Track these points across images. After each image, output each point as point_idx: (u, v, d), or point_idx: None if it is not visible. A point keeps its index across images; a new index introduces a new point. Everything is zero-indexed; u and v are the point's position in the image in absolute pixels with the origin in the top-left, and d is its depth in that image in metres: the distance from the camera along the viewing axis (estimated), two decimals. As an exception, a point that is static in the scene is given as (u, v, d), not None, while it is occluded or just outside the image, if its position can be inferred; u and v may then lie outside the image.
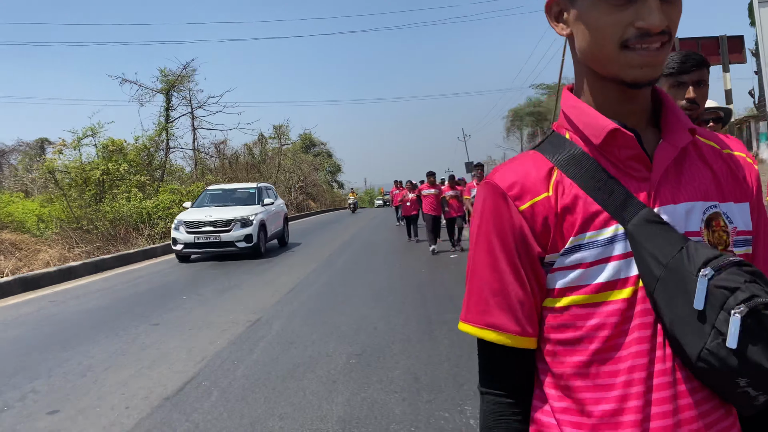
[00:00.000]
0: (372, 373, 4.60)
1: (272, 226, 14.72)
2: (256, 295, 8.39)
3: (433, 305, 7.20)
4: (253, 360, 5.14)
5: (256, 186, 15.58)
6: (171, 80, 29.45)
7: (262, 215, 13.78)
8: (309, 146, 63.48)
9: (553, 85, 54.16)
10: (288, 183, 45.68)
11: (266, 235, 14.03)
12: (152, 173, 28.15)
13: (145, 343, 5.97)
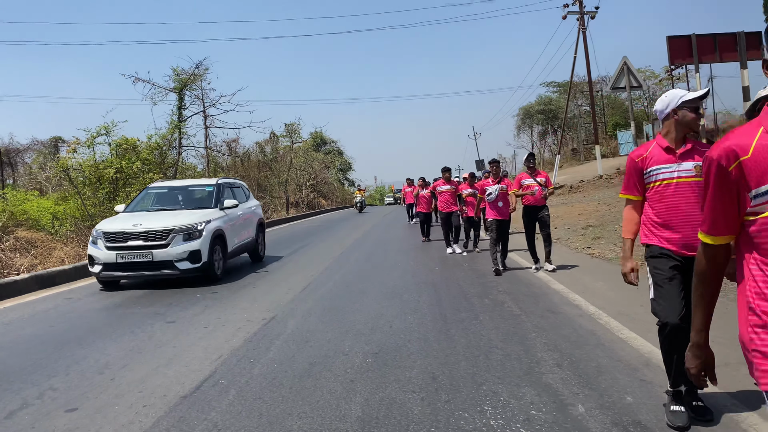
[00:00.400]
0: (389, 372, 4.57)
1: (236, 238, 11.06)
2: (271, 293, 8.39)
3: (448, 304, 7.16)
4: (269, 358, 5.13)
5: (216, 182, 11.48)
6: (183, 79, 29.56)
7: (217, 223, 10.17)
8: (320, 144, 63.54)
9: (564, 83, 53.86)
10: (299, 181, 45.76)
11: (225, 251, 10.40)
12: (165, 171, 28.28)
13: (162, 341, 5.98)
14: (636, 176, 3.65)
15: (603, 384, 4.12)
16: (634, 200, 3.72)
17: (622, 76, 12.74)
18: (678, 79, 47.29)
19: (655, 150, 3.59)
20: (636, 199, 3.70)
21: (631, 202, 3.76)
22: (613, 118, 51.24)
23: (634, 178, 3.66)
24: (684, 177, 3.45)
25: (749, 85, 10.01)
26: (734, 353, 4.61)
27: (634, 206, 3.75)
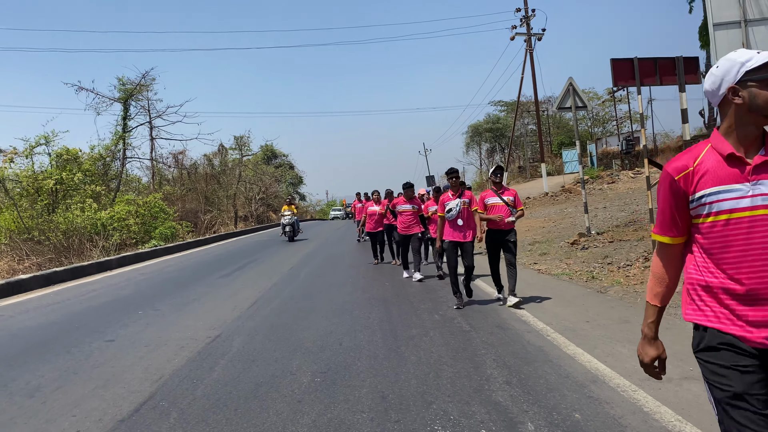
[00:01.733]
0: (338, 392, 4.47)
1: None
2: (216, 310, 8.15)
3: (399, 320, 7.10)
4: (213, 379, 4.95)
5: None
6: (129, 89, 28.86)
7: None
8: (270, 158, 62.96)
9: (511, 103, 55.13)
10: (249, 194, 45.11)
11: None
12: (108, 183, 27.44)
13: (99, 360, 5.71)
14: (676, 204, 2.18)
15: (551, 401, 4.12)
16: (670, 243, 2.24)
17: (567, 96, 13.08)
18: (620, 100, 49.03)
19: (710, 160, 2.12)
20: (674, 242, 2.23)
21: (665, 246, 2.26)
22: (559, 137, 52.62)
23: (672, 208, 2.19)
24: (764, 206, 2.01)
25: (687, 107, 10.42)
26: (676, 369, 4.72)
27: (669, 253, 2.26)
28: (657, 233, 2.28)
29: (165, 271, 13.79)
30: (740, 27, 9.50)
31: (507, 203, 7.85)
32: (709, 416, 3.73)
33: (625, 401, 4.05)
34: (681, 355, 5.10)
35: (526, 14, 29.14)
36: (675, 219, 2.19)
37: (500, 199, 7.88)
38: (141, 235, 21.58)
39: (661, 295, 2.28)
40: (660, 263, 2.28)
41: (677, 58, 10.40)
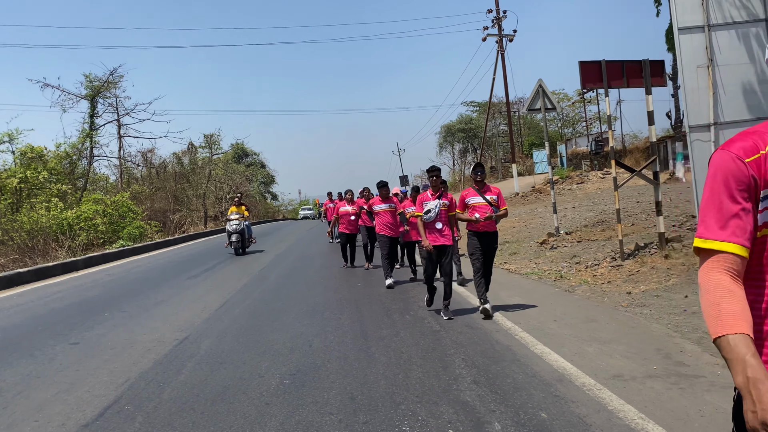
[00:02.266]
0: (307, 394, 4.45)
1: None
2: (185, 312, 8.05)
3: (370, 321, 7.10)
4: (180, 382, 4.89)
5: None
6: (96, 86, 28.38)
7: None
8: (241, 156, 62.41)
9: (483, 103, 55.55)
10: (219, 193, 44.64)
11: None
12: (74, 182, 26.94)
13: (63, 364, 5.59)
14: (741, 196, 1.55)
15: (518, 400, 4.17)
16: (730, 253, 1.55)
17: (537, 98, 13.23)
18: (589, 101, 49.78)
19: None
20: (737, 251, 1.55)
21: (721, 258, 1.57)
22: (530, 138, 53.22)
23: (735, 201, 1.56)
24: None
25: (653, 110, 10.62)
26: (640, 368, 4.81)
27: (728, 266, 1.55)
28: (708, 236, 1.58)
29: (133, 271, 13.57)
30: (704, 32, 9.72)
31: (490, 203, 7.25)
32: (670, 414, 3.81)
33: (590, 400, 4.12)
34: (645, 354, 5.20)
35: (498, 15, 29.40)
36: (740, 217, 1.54)
37: (482, 198, 7.28)
38: (108, 235, 21.21)
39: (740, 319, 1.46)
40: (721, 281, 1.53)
41: (644, 61, 10.59)
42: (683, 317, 6.35)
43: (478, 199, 7.31)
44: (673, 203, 14.54)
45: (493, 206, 7.25)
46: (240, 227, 16.51)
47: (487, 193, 7.34)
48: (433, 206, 7.16)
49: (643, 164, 13.71)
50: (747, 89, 9.70)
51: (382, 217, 10.41)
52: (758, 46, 9.75)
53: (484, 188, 7.39)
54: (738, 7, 9.75)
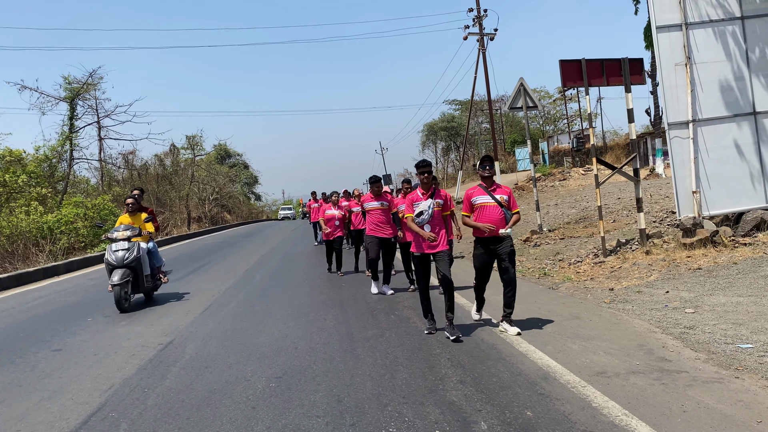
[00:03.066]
0: (293, 397, 4.45)
1: None
2: (169, 316, 8.00)
3: (355, 321, 7.11)
4: (165, 387, 4.86)
5: None
6: (76, 88, 28.07)
7: None
8: (224, 157, 62.06)
9: (465, 102, 55.74)
10: (202, 195, 44.39)
11: None
12: (54, 185, 26.62)
13: (45, 371, 5.53)
14: None
15: (504, 399, 4.20)
16: None
17: (518, 96, 13.32)
18: (570, 99, 50.18)
19: None
20: None
21: None
22: (512, 135, 53.52)
23: None
24: None
25: (633, 107, 10.74)
26: (624, 364, 4.86)
27: None
28: None
29: (115, 275, 13.43)
30: (681, 30, 9.84)
31: (501, 204, 6.08)
32: (653, 410, 3.87)
33: (575, 397, 4.16)
34: (628, 350, 5.27)
35: (479, 14, 29.50)
36: None
37: (492, 198, 6.11)
38: (90, 238, 20.97)
39: None
40: None
41: (623, 60, 10.70)
42: (664, 312, 6.43)
43: (486, 199, 6.13)
44: (653, 199, 14.71)
45: (504, 208, 6.11)
46: (132, 256, 8.65)
47: (497, 192, 6.17)
48: (426, 207, 6.16)
49: (623, 160, 13.85)
50: (724, 86, 9.85)
51: (372, 216, 9.24)
52: (734, 43, 9.90)
53: (492, 186, 6.22)
54: (714, 5, 9.89)
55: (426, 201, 6.20)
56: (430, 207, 6.17)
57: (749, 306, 6.23)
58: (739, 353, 4.89)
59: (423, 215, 6.16)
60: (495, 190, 6.19)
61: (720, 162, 9.77)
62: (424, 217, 6.16)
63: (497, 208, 6.09)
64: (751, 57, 9.85)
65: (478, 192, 6.25)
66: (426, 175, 6.21)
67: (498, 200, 6.11)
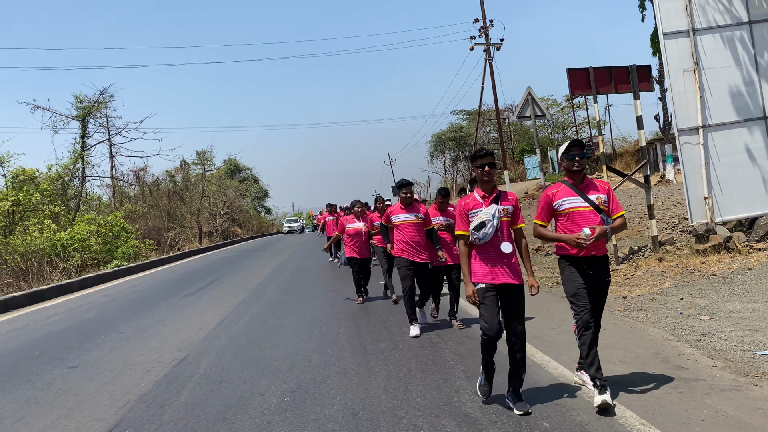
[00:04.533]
0: (308, 411, 4.45)
1: None
2: (182, 331, 8.03)
3: (368, 334, 7.11)
4: (180, 403, 4.87)
5: None
6: (87, 107, 28.38)
7: None
8: (234, 172, 62.44)
9: (473, 111, 55.79)
10: (213, 209, 44.62)
11: None
12: (67, 203, 26.86)
13: (62, 389, 5.57)
14: None
15: (520, 410, 4.17)
16: None
17: (527, 105, 13.35)
18: (578, 107, 50.10)
19: None
20: None
21: None
22: (520, 144, 53.47)
23: None
24: None
25: (642, 114, 10.72)
26: (640, 373, 4.83)
27: None
28: None
29: (128, 291, 13.52)
30: (689, 36, 9.83)
31: (597, 206, 4.34)
32: (671, 419, 3.83)
33: (590, 407, 4.13)
34: (644, 359, 5.23)
35: (485, 25, 29.60)
36: None
37: (585, 200, 4.37)
38: (103, 255, 21.14)
39: None
40: None
41: (630, 67, 10.69)
42: (679, 320, 6.38)
43: (577, 202, 4.38)
44: (665, 206, 14.63)
45: (603, 214, 4.36)
46: None
47: (591, 191, 4.41)
48: (489, 215, 4.24)
49: (633, 167, 13.79)
50: (733, 91, 9.81)
51: (402, 233, 7.15)
52: (743, 48, 9.87)
53: (584, 183, 4.46)
54: (721, 11, 9.88)
55: (489, 207, 4.28)
56: (496, 216, 4.24)
57: (766, 312, 6.17)
58: (756, 360, 4.84)
59: (485, 228, 4.23)
60: (588, 189, 4.42)
61: (731, 167, 9.71)
62: (488, 231, 4.23)
63: (594, 215, 4.33)
64: (760, 61, 9.82)
65: (564, 192, 4.45)
66: (487, 169, 4.29)
67: (594, 203, 4.35)
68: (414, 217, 7.14)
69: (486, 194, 4.38)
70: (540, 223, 4.55)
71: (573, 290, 4.42)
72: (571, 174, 4.47)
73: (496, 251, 4.28)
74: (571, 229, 4.36)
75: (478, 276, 4.29)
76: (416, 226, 7.12)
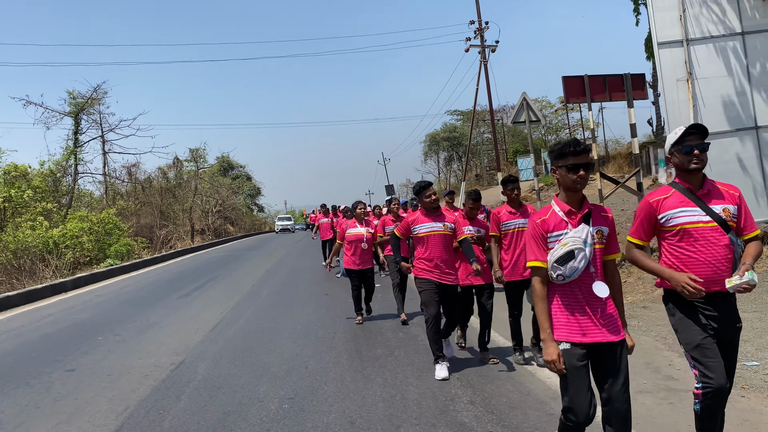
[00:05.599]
0: (306, 419, 4.52)
1: None
2: (178, 334, 8.07)
3: (363, 339, 7.18)
4: (180, 408, 4.93)
5: None
6: (80, 103, 28.27)
7: None
8: (227, 169, 62.25)
9: (467, 112, 55.92)
10: (205, 207, 44.50)
11: None
12: (59, 200, 26.75)
13: (61, 393, 5.61)
14: None
15: (514, 420, 4.27)
16: None
17: (521, 110, 13.42)
18: (572, 109, 50.33)
19: None
20: None
21: None
22: (514, 145, 53.64)
23: None
24: None
25: (635, 122, 10.84)
26: (631, 383, 4.93)
27: None
28: None
29: (122, 292, 13.53)
30: (683, 46, 9.95)
31: (725, 224, 3.17)
32: (662, 429, 3.93)
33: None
34: (635, 368, 5.32)
35: (480, 27, 29.70)
36: None
37: (707, 213, 3.19)
38: (95, 252, 21.07)
39: None
40: None
41: (625, 76, 10.81)
42: (670, 329, 6.48)
43: (696, 215, 3.20)
44: (657, 211, 14.78)
45: (732, 233, 3.18)
46: None
47: (715, 200, 3.23)
48: (580, 241, 2.97)
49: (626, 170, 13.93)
50: (726, 101, 9.95)
51: (427, 247, 5.69)
52: (735, 59, 10.00)
53: (704, 188, 3.27)
54: (715, 21, 10.01)
55: (578, 229, 3.00)
56: (588, 242, 2.98)
57: (753, 322, 6.29)
58: (744, 371, 4.95)
59: (574, 261, 2.94)
60: (710, 196, 3.22)
61: (723, 176, 9.80)
62: (578, 266, 2.95)
63: (719, 235, 3.14)
64: (752, 72, 9.95)
65: (676, 200, 3.23)
66: (582, 174, 2.96)
67: (719, 217, 3.16)
68: (442, 226, 5.69)
69: (573, 209, 3.01)
70: (636, 242, 3.33)
71: (695, 341, 3.15)
72: (686, 175, 3.24)
73: (585, 294, 2.99)
74: (687, 254, 3.16)
75: (562, 332, 3.00)
76: (445, 239, 5.70)
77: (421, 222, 5.75)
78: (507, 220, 5.72)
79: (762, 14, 10.04)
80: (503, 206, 5.80)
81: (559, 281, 2.99)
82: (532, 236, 3.10)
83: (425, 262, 5.67)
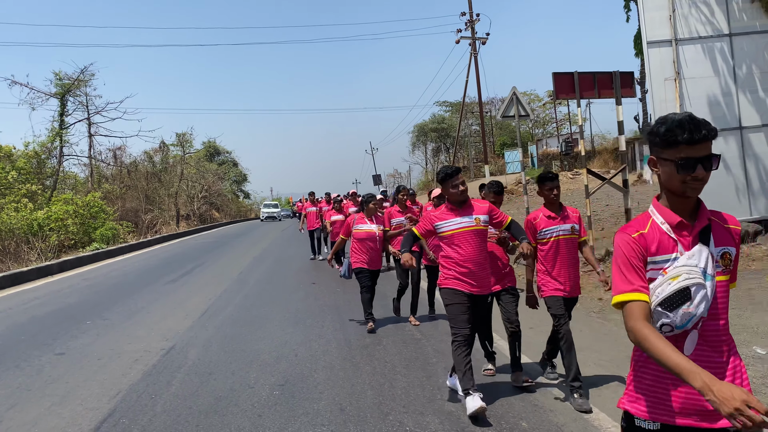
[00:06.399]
0: (297, 405, 4.62)
1: None
2: (167, 319, 8.12)
3: (352, 328, 7.28)
4: (171, 393, 5.01)
5: None
6: (67, 84, 27.95)
7: None
8: (213, 155, 61.88)
9: (456, 103, 56.04)
10: (191, 192, 44.28)
11: None
12: (44, 182, 26.51)
13: (52, 376, 5.66)
14: None
15: (500, 410, 4.40)
16: None
17: (511, 105, 13.53)
18: (560, 103, 50.60)
19: None
20: None
21: None
22: (501, 138, 53.90)
23: None
24: None
25: (623, 120, 10.99)
26: (614, 376, 5.08)
27: None
28: None
29: (109, 276, 13.52)
30: (671, 46, 10.10)
31: None
32: (642, 422, 4.07)
33: (567, 408, 4.37)
34: (618, 362, 5.49)
35: (471, 19, 29.76)
36: None
37: None
38: (80, 236, 20.95)
39: None
40: None
41: (614, 73, 10.93)
42: (652, 324, 6.66)
43: None
44: (641, 207, 15.00)
45: None
46: None
47: None
48: (699, 272, 1.92)
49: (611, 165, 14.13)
50: (712, 101, 10.12)
51: (457, 249, 4.59)
52: (722, 60, 10.17)
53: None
54: (704, 22, 10.16)
55: (696, 252, 1.95)
56: (710, 272, 1.94)
57: (732, 318, 6.48)
58: None
59: (691, 305, 1.91)
60: None
61: (706, 175, 10.04)
62: (694, 312, 1.92)
63: None
64: (738, 73, 10.14)
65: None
66: (701, 173, 1.89)
67: None
68: (473, 221, 4.63)
69: (684, 220, 1.98)
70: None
71: None
72: None
73: (701, 348, 1.97)
74: None
75: (657, 409, 2.01)
76: (479, 237, 4.63)
77: (446, 217, 4.65)
78: (546, 226, 4.74)
79: (750, 16, 10.22)
80: (539, 210, 4.89)
81: (666, 332, 1.95)
82: (627, 258, 1.99)
83: (455, 267, 4.54)
